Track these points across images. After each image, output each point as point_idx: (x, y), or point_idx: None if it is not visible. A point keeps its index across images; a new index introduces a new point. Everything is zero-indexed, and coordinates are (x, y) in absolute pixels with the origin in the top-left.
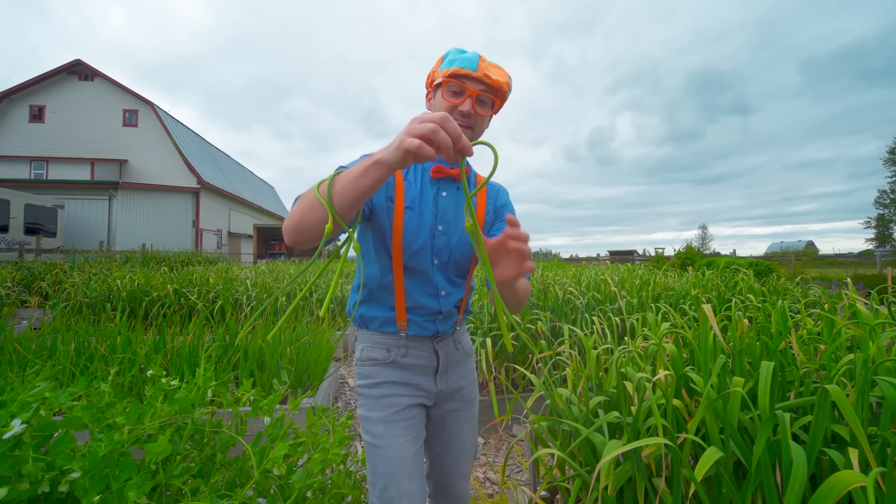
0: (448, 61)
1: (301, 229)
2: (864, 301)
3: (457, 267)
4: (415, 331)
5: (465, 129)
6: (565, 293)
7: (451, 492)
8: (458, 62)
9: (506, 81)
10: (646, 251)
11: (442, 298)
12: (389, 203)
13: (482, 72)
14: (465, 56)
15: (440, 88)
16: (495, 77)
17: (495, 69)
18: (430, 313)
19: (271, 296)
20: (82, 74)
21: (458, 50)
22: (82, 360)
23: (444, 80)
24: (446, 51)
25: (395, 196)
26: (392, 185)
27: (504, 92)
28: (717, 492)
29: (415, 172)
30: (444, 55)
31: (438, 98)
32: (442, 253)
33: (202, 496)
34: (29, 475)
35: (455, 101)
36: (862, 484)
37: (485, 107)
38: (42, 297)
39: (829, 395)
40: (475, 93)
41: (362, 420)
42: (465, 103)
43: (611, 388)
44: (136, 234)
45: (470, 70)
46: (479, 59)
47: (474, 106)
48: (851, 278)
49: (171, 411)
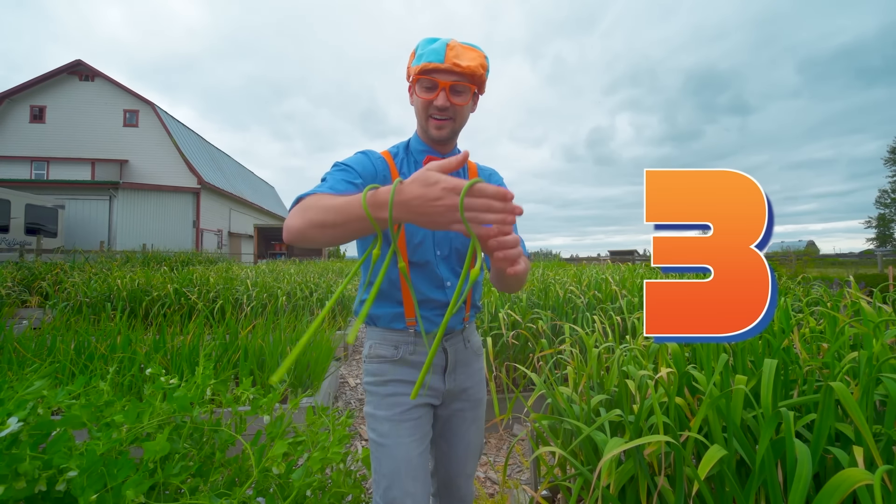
0: (418, 56)
1: (336, 236)
2: (867, 299)
3: (459, 257)
4: (424, 327)
5: (445, 123)
6: (566, 292)
7: (456, 492)
8: (426, 56)
9: (479, 64)
10: (647, 251)
11: (448, 290)
12: None
13: (450, 62)
14: (432, 48)
15: (414, 86)
16: (466, 64)
17: (467, 52)
18: (438, 306)
19: (270, 294)
20: (83, 75)
21: (427, 41)
22: (82, 359)
23: (415, 78)
24: (416, 43)
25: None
26: (389, 179)
27: (479, 75)
28: (721, 490)
29: (408, 165)
30: (415, 48)
31: (415, 96)
32: (443, 244)
33: (201, 495)
34: (26, 474)
35: (429, 96)
36: (868, 482)
37: (461, 95)
38: (42, 296)
39: (833, 392)
40: (447, 84)
41: (368, 418)
42: (438, 97)
43: (612, 387)
44: (136, 234)
45: (437, 63)
46: (446, 49)
47: (449, 98)
48: (853, 277)
49: (170, 410)
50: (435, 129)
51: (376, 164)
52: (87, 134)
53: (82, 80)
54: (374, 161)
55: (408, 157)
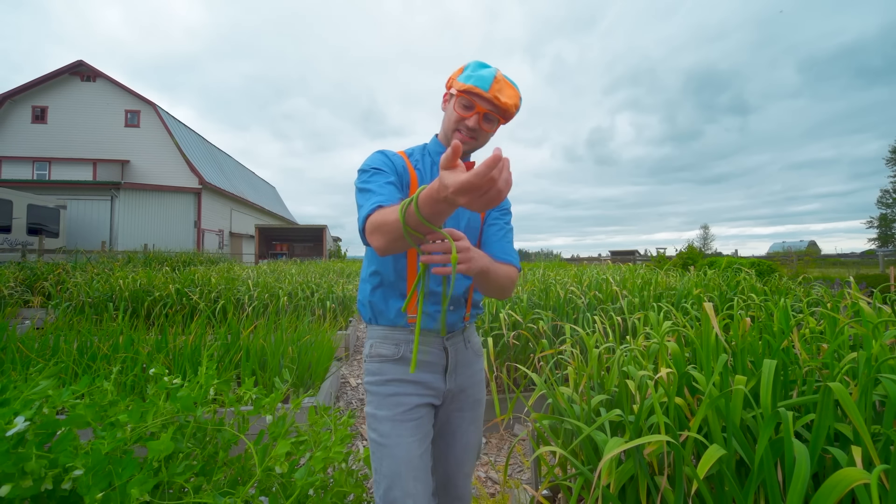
0: (466, 75)
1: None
2: (866, 300)
3: None
4: (425, 323)
5: (469, 141)
6: (567, 293)
7: (454, 491)
8: (474, 80)
9: (514, 104)
10: (647, 251)
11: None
12: (405, 192)
13: (493, 93)
14: (480, 74)
15: (454, 98)
16: (504, 100)
17: (508, 90)
18: (440, 301)
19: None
20: (84, 75)
21: (479, 64)
22: (85, 360)
23: (457, 94)
24: (469, 61)
25: (410, 184)
26: (406, 175)
27: (511, 114)
28: (720, 490)
29: (423, 165)
30: (466, 66)
31: (451, 108)
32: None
33: (204, 494)
34: (32, 472)
35: (464, 114)
36: (865, 482)
37: (490, 124)
38: (45, 296)
39: (832, 392)
40: (483, 111)
41: (369, 418)
42: (471, 119)
43: (613, 387)
44: (137, 234)
45: (482, 90)
46: (493, 80)
47: (480, 122)
48: (854, 278)
49: (174, 409)
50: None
51: (395, 161)
52: (88, 134)
53: (84, 80)
54: (392, 158)
55: (423, 158)
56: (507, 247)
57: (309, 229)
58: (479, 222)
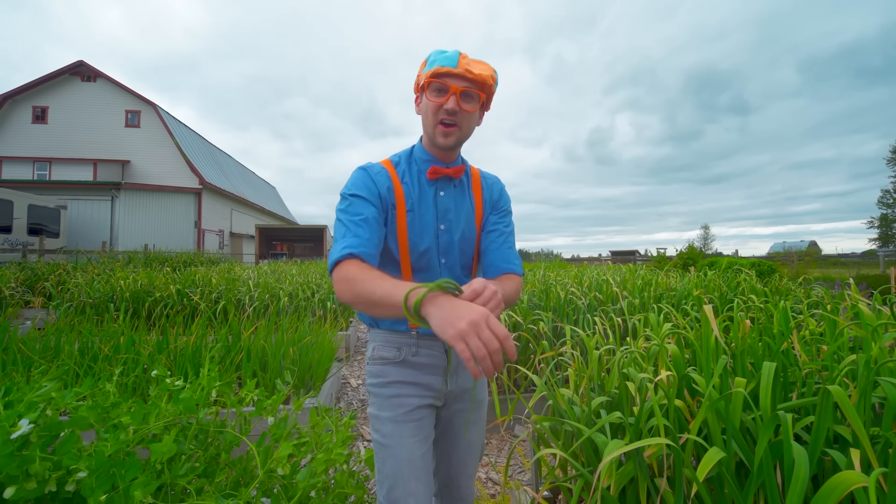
0: (430, 62)
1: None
2: (866, 301)
3: (462, 263)
4: (425, 329)
5: (452, 128)
6: (567, 294)
7: (457, 491)
8: (439, 62)
9: (489, 75)
10: (648, 251)
11: None
12: (392, 210)
13: (463, 68)
14: (445, 55)
15: (425, 90)
16: (477, 71)
17: (477, 64)
18: None
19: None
20: (85, 75)
21: (439, 51)
22: (86, 361)
23: (427, 82)
24: (428, 54)
25: (395, 201)
26: (392, 190)
27: (489, 85)
28: (720, 492)
29: (410, 175)
30: (427, 58)
31: (424, 100)
32: (447, 252)
33: (207, 495)
34: (36, 474)
35: (439, 99)
36: (864, 484)
37: (471, 102)
38: (45, 297)
39: (831, 395)
40: (459, 89)
41: (372, 419)
42: (449, 101)
43: (613, 389)
44: (138, 234)
45: (451, 68)
46: (458, 57)
47: (459, 102)
48: (854, 278)
49: (176, 411)
50: (442, 137)
51: (377, 181)
52: (89, 134)
53: (84, 80)
54: (374, 178)
55: (410, 167)
56: (507, 254)
57: (309, 229)
58: (475, 231)
